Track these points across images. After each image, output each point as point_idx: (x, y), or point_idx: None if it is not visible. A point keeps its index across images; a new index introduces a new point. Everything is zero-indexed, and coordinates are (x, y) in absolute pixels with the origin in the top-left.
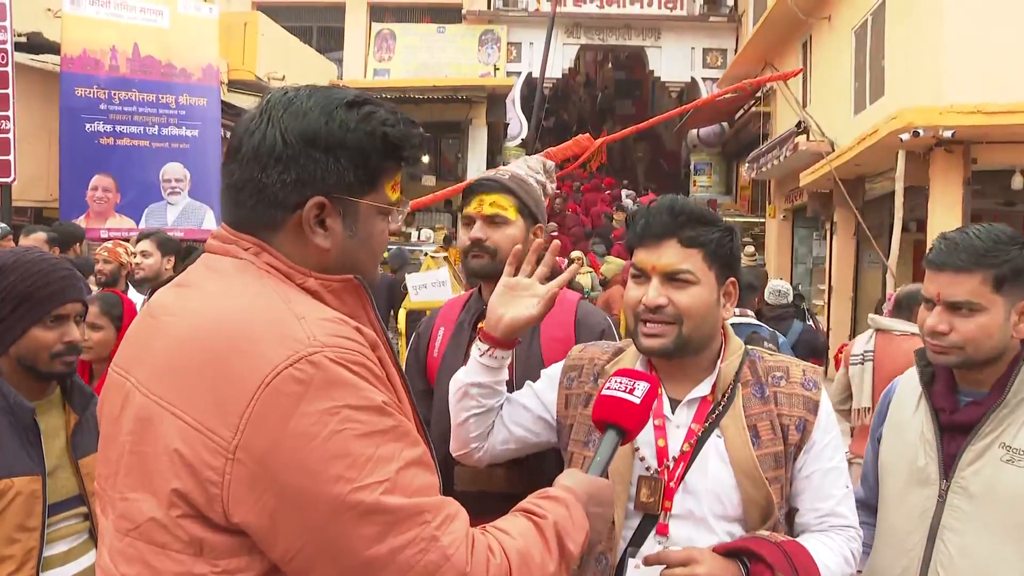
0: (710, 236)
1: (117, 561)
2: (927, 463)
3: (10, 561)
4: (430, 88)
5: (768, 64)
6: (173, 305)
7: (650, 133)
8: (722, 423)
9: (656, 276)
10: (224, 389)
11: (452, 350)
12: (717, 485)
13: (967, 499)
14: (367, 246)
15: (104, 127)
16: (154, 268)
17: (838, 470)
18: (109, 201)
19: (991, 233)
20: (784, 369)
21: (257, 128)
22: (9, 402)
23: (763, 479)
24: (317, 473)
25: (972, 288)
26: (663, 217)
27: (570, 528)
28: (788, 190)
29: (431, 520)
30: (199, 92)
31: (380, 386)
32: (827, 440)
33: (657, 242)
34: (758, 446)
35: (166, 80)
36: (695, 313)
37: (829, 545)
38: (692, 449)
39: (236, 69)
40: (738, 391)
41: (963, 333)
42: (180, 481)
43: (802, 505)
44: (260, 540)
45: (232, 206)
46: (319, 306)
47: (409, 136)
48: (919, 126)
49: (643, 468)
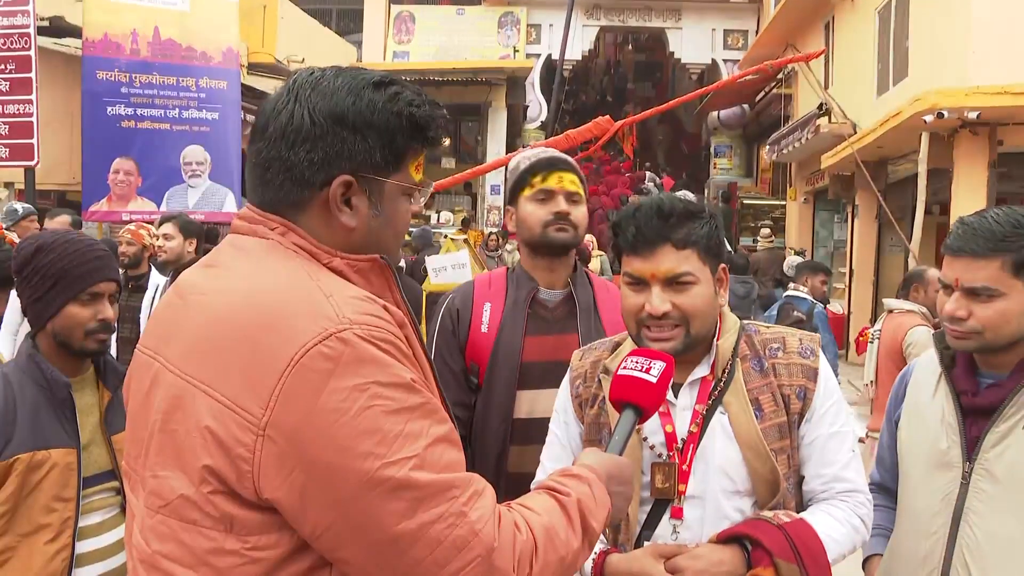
0: (700, 232)
1: (149, 538)
2: (950, 446)
3: (48, 529)
4: (449, 70)
5: (790, 45)
6: (202, 285)
7: (670, 115)
8: (725, 399)
9: (656, 283)
10: (254, 367)
11: (509, 328)
12: (724, 461)
13: (991, 482)
14: (391, 225)
15: (125, 110)
16: (176, 251)
17: (840, 435)
18: (131, 184)
19: (1010, 217)
20: (780, 340)
21: (285, 107)
22: (46, 377)
23: (767, 452)
24: (346, 449)
25: (990, 274)
26: (654, 222)
27: (592, 506)
28: (809, 172)
29: (459, 496)
30: (219, 75)
31: (408, 364)
32: (828, 405)
33: (652, 249)
34: (761, 419)
35: (186, 63)
36: (700, 312)
37: (835, 516)
38: (699, 429)
39: (256, 52)
40: (737, 366)
41: (982, 319)
42: (211, 458)
43: (807, 472)
44: (290, 516)
45: (259, 185)
46: (347, 284)
47: (434, 117)
48: (943, 107)
49: (654, 455)
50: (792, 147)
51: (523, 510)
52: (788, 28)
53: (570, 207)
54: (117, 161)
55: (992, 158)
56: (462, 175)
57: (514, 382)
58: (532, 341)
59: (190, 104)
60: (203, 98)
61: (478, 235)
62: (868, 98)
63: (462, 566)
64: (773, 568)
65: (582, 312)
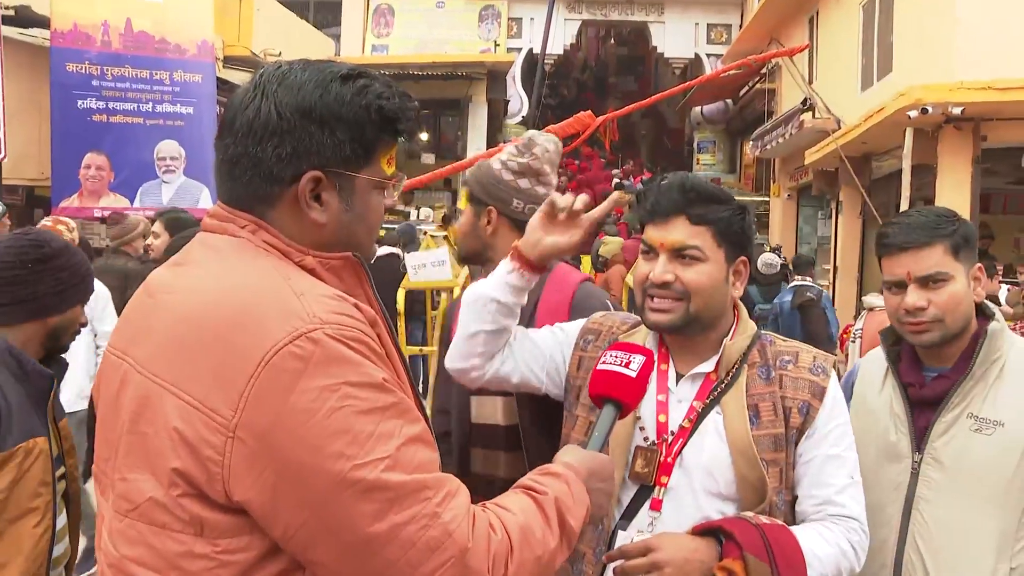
0: (720, 214)
1: (117, 542)
2: (899, 438)
3: (36, 512)
4: (429, 64)
5: (774, 40)
6: (172, 284)
7: (653, 111)
8: (723, 400)
9: (664, 252)
10: (224, 367)
11: None
12: (711, 461)
13: (939, 469)
14: (364, 221)
15: (97, 104)
16: (162, 248)
17: (841, 459)
18: (103, 179)
19: (931, 210)
20: (794, 354)
21: (251, 102)
22: (25, 369)
23: (757, 458)
24: (317, 450)
25: (938, 259)
26: (673, 194)
27: (571, 504)
28: (793, 168)
29: (432, 496)
30: (194, 68)
31: (380, 363)
32: (831, 427)
33: (666, 219)
34: (757, 426)
35: (160, 56)
36: (702, 290)
37: (824, 535)
38: (692, 425)
39: (232, 45)
40: (743, 371)
41: (939, 305)
42: (180, 460)
43: (801, 491)
44: (261, 519)
45: (227, 182)
46: (318, 283)
47: (404, 109)
48: (928, 103)
49: (642, 439)
50: (776, 143)
51: (498, 510)
52: (772, 22)
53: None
54: (88, 156)
55: (976, 154)
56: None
57: (459, 388)
58: None
59: (164, 98)
60: (177, 92)
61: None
62: (852, 93)
63: (436, 567)
64: (742, 561)
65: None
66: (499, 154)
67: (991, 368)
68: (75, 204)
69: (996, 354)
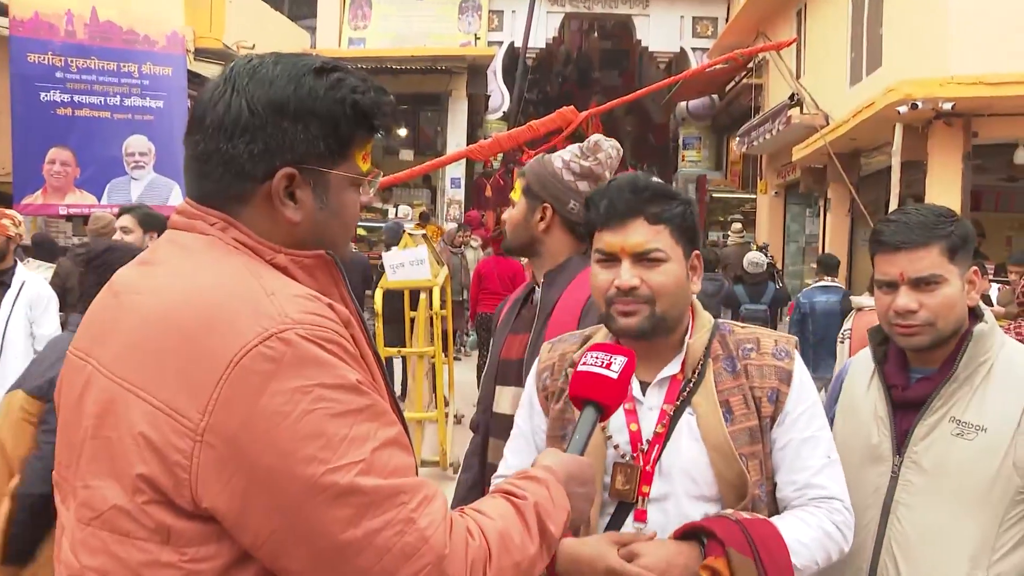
0: (674, 211)
1: (79, 552)
2: (881, 440)
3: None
4: (408, 58)
5: (761, 33)
6: (138, 283)
7: (637, 106)
8: (694, 400)
9: (626, 257)
10: (192, 369)
11: (503, 323)
12: (690, 464)
13: (919, 473)
14: (339, 219)
15: (61, 96)
16: (136, 245)
17: (815, 440)
18: (68, 175)
19: (930, 209)
20: (755, 340)
21: (221, 97)
22: None
23: (735, 455)
24: (289, 454)
25: (933, 261)
26: (626, 195)
27: (551, 509)
28: (780, 165)
29: (408, 501)
30: (163, 61)
31: (354, 364)
32: (802, 409)
33: (623, 222)
34: (731, 422)
35: (127, 48)
36: (668, 291)
37: (806, 520)
38: (665, 430)
39: (203, 37)
40: (708, 366)
41: (931, 308)
42: (146, 466)
43: (780, 479)
44: (230, 526)
45: (197, 179)
46: (290, 282)
47: (380, 104)
48: (918, 98)
49: (617, 455)
50: (763, 139)
51: (476, 515)
52: (759, 16)
53: (508, 212)
54: (53, 151)
55: (967, 150)
56: (421, 167)
57: (493, 377)
58: (511, 338)
59: (132, 91)
60: (146, 85)
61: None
62: (841, 88)
63: (412, 574)
64: (725, 558)
65: (539, 312)
66: (561, 152)
67: (977, 371)
68: (39, 201)
69: (983, 356)
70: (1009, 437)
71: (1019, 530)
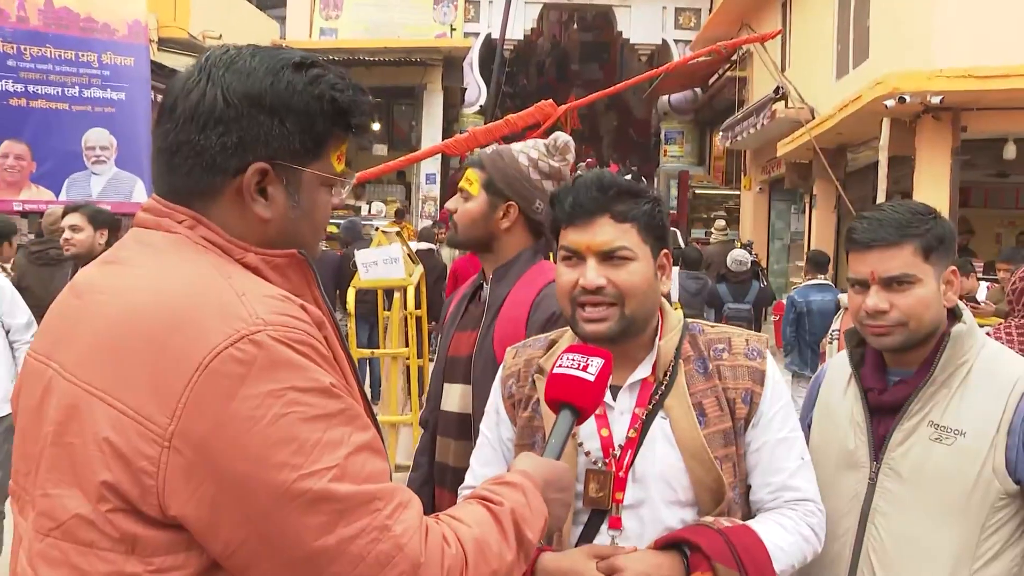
0: (641, 208)
1: (37, 565)
2: (857, 446)
3: None
4: (381, 50)
5: (745, 25)
6: (101, 284)
7: (618, 100)
8: (666, 403)
9: (592, 256)
10: (160, 372)
11: (451, 319)
12: (666, 469)
13: (897, 480)
14: (310, 218)
15: (14, 87)
16: (86, 243)
17: (789, 441)
18: (23, 170)
19: (907, 207)
20: (726, 340)
21: (196, 87)
22: None
23: (711, 459)
24: (260, 459)
25: (905, 260)
26: (593, 192)
27: (528, 515)
28: (765, 160)
29: (383, 508)
30: (125, 50)
31: (327, 367)
32: (776, 410)
33: (589, 219)
34: (705, 424)
35: (86, 36)
36: (637, 291)
37: (783, 524)
38: (638, 435)
39: (167, 26)
40: (680, 368)
41: (904, 308)
42: (111, 473)
43: (755, 481)
44: (199, 534)
45: (165, 172)
46: (261, 282)
47: (358, 103)
48: (905, 91)
49: (589, 462)
50: (747, 133)
51: (452, 522)
52: (743, 7)
53: (456, 204)
54: (6, 144)
55: (955, 145)
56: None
57: (440, 374)
58: (458, 335)
59: (92, 82)
60: (107, 76)
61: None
62: (827, 81)
63: None
64: (712, 573)
65: (487, 309)
66: (524, 149)
67: (955, 373)
68: None
69: (961, 358)
70: (989, 441)
71: (1000, 537)
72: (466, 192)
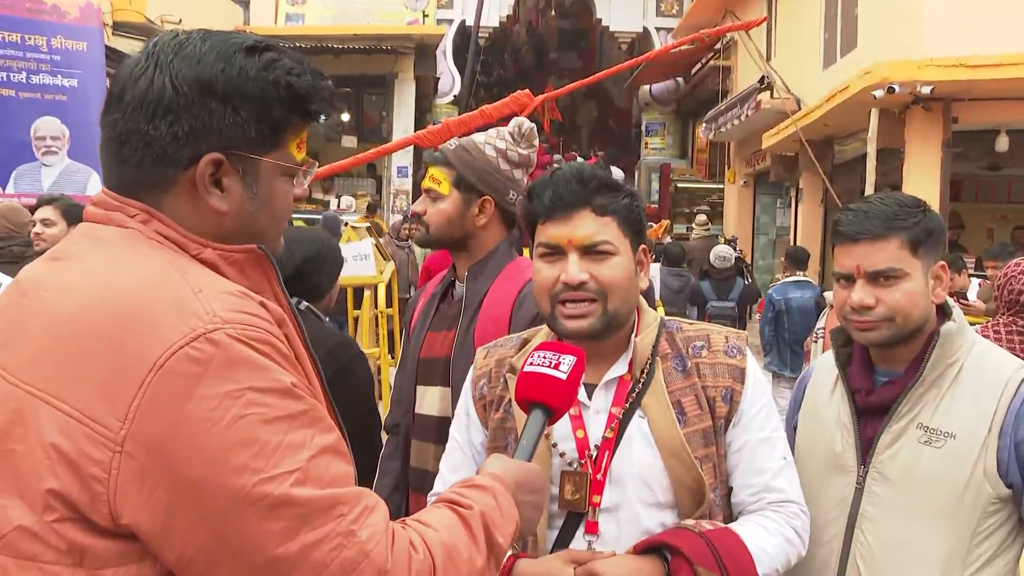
0: (621, 202)
1: None
2: (844, 449)
3: None
4: (350, 37)
5: (729, 12)
6: (48, 281)
7: (597, 90)
8: (644, 402)
9: (574, 250)
10: (110, 373)
11: (421, 321)
12: (644, 470)
13: (885, 484)
14: (269, 210)
15: None
16: (57, 239)
17: (771, 441)
18: None
19: (895, 199)
20: (705, 338)
21: (143, 73)
22: None
23: (692, 459)
24: (218, 463)
25: (892, 254)
26: (573, 186)
27: (498, 519)
28: (750, 153)
29: (347, 513)
30: (77, 34)
31: (288, 366)
32: (757, 408)
33: (569, 213)
34: (684, 423)
35: (34, 18)
36: (619, 286)
37: (766, 526)
38: (615, 435)
39: (122, 9)
40: (657, 365)
41: (890, 303)
42: (57, 480)
43: (736, 482)
44: (153, 542)
45: (114, 163)
46: (219, 279)
47: (316, 88)
48: (894, 81)
49: (564, 463)
50: (731, 125)
51: (420, 527)
52: None
53: (427, 204)
54: None
55: (946, 137)
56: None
57: (412, 376)
58: (431, 336)
59: (40, 68)
60: (57, 61)
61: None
62: (814, 71)
63: None
64: None
65: (465, 308)
66: (489, 140)
67: (945, 373)
68: None
69: (951, 358)
70: (980, 443)
71: (992, 544)
72: (435, 192)
